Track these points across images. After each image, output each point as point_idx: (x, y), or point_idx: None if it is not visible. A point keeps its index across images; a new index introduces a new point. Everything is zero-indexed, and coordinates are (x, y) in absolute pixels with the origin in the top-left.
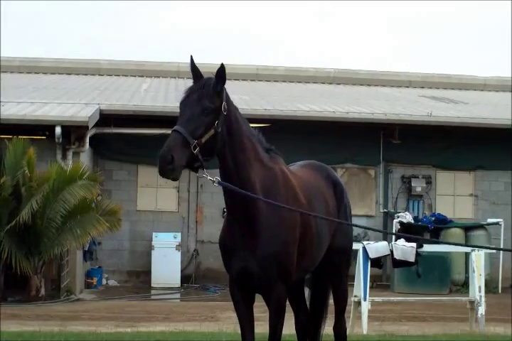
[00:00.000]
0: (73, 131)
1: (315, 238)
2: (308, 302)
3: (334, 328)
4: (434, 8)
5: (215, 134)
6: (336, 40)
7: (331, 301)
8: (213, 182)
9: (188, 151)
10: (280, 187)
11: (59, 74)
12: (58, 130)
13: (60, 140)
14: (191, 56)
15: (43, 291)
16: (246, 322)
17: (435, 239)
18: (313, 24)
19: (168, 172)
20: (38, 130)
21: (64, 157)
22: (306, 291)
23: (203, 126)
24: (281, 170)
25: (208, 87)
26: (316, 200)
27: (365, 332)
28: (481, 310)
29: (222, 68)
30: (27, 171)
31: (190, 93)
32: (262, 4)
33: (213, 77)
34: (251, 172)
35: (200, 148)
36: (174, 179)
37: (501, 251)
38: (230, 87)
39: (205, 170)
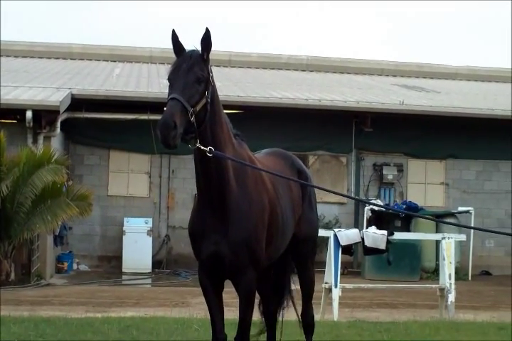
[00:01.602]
0: (44, 116)
1: (280, 225)
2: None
3: (302, 315)
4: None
5: (206, 104)
6: (310, 27)
7: (297, 287)
8: (208, 152)
9: (186, 119)
10: (249, 173)
11: (30, 57)
12: (29, 114)
13: (31, 124)
14: (173, 30)
15: (12, 276)
16: (215, 309)
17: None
18: (287, 11)
19: (172, 139)
20: (9, 114)
21: (35, 141)
22: None
23: (198, 94)
24: (248, 156)
25: (196, 57)
26: (282, 187)
27: (335, 319)
28: (451, 297)
29: (207, 34)
30: None
31: (179, 64)
32: None
33: (197, 48)
34: (226, 152)
35: (195, 117)
36: (175, 147)
37: (471, 239)
38: None
39: (198, 141)
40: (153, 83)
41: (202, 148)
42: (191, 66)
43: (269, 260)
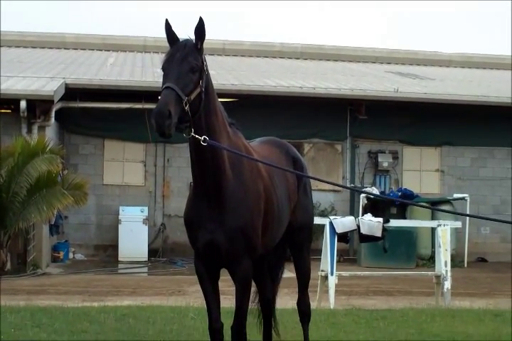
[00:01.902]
0: (38, 105)
1: (276, 214)
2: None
3: (298, 303)
4: None
5: (200, 93)
6: (304, 15)
7: (293, 275)
8: (202, 141)
9: (180, 107)
10: (244, 161)
11: (24, 47)
12: (23, 104)
13: (25, 114)
14: (166, 19)
15: (8, 265)
16: (212, 297)
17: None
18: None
19: (167, 127)
20: (3, 104)
21: (29, 131)
22: None
23: (192, 83)
24: (243, 145)
25: (189, 46)
26: (277, 176)
27: (332, 307)
28: (447, 284)
29: (201, 23)
30: None
31: (173, 53)
32: None
33: (191, 38)
34: (221, 141)
35: (189, 106)
36: (169, 135)
37: (467, 226)
38: None
39: (192, 130)
40: (147, 72)
41: (196, 137)
42: (185, 55)
43: (265, 248)
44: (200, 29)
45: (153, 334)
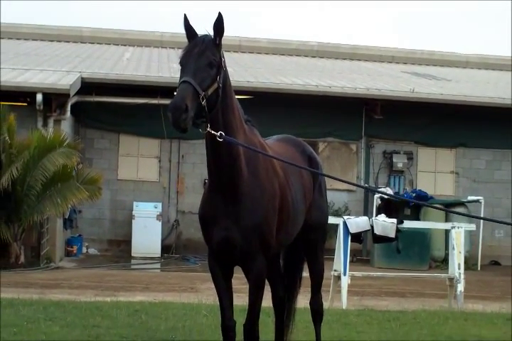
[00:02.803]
0: (54, 99)
1: (291, 212)
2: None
3: (311, 303)
4: None
5: (218, 89)
6: (321, 13)
7: (306, 275)
8: (218, 137)
9: (197, 102)
10: (260, 159)
11: (41, 40)
12: (39, 97)
13: (41, 107)
14: (185, 14)
15: (22, 258)
16: (225, 296)
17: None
18: None
19: (183, 121)
20: (19, 97)
21: (45, 124)
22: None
23: (209, 78)
24: (259, 142)
25: (208, 41)
26: (292, 174)
27: (344, 307)
28: (460, 287)
29: (220, 18)
30: (7, 138)
31: (191, 48)
32: None
33: (209, 33)
34: (238, 137)
35: (206, 101)
36: (186, 130)
37: (481, 228)
38: None
39: (208, 125)
40: (164, 67)
41: (212, 132)
42: (203, 50)
43: (280, 246)
44: (219, 24)
45: (165, 330)
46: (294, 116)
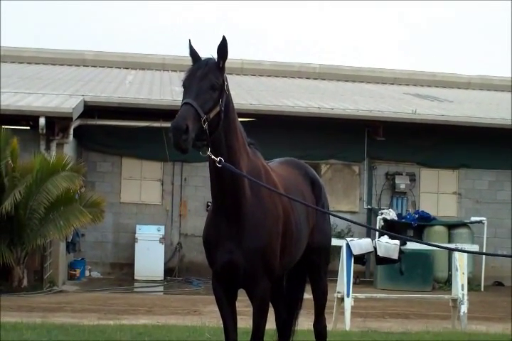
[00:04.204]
0: (57, 122)
1: (294, 235)
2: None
3: (314, 325)
4: (420, 8)
5: (220, 112)
6: (323, 35)
7: (309, 297)
8: (217, 162)
9: (199, 124)
10: (263, 180)
11: (43, 64)
12: (42, 121)
13: (44, 131)
14: (189, 40)
15: (25, 282)
16: (229, 319)
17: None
18: (300, 19)
19: (183, 142)
20: (22, 120)
21: (48, 148)
22: None
23: (212, 101)
24: (262, 165)
25: (211, 64)
26: (295, 196)
27: (347, 329)
28: (464, 308)
29: (224, 42)
30: (10, 161)
31: (194, 70)
32: None
33: (213, 57)
34: (241, 161)
35: (208, 124)
36: (186, 151)
37: (484, 249)
38: None
39: (209, 149)
40: (166, 90)
41: (212, 157)
42: (206, 73)
43: (284, 269)
44: (222, 48)
45: None
46: (297, 139)
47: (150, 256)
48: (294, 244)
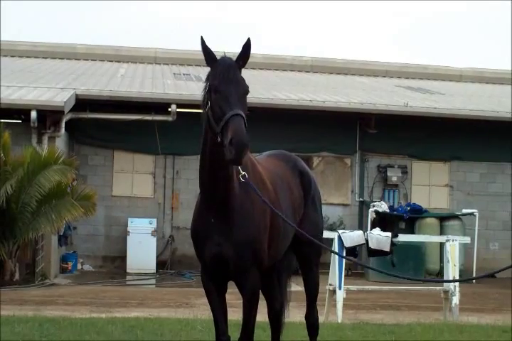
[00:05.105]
0: (49, 116)
1: (281, 227)
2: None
3: (306, 317)
4: (412, 1)
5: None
6: (315, 28)
7: (301, 289)
8: (242, 176)
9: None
10: (250, 174)
11: (35, 58)
12: (34, 114)
13: (36, 124)
14: (202, 37)
15: (17, 276)
16: (219, 310)
17: None
18: (291, 12)
19: (244, 156)
20: (14, 114)
21: (39, 141)
22: None
23: (246, 108)
24: (248, 158)
25: (237, 67)
26: (282, 190)
27: (339, 321)
28: (455, 299)
29: (248, 44)
30: (2, 155)
31: (225, 73)
32: None
33: (230, 57)
34: None
35: None
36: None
37: (475, 241)
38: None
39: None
40: (158, 84)
41: (241, 171)
42: (239, 78)
43: (271, 261)
44: (247, 51)
45: None
46: (288, 131)
47: (142, 249)
48: (281, 235)
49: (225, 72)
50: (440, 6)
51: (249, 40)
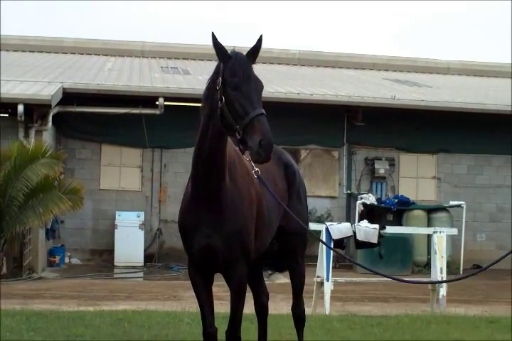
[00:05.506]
0: (36, 110)
1: (266, 219)
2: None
3: (292, 309)
4: None
5: None
6: (302, 21)
7: (288, 281)
8: (255, 172)
9: None
10: (237, 166)
11: (22, 51)
12: (21, 108)
13: (23, 118)
14: (212, 33)
15: (4, 269)
16: (206, 302)
17: None
18: (279, 5)
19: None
20: (0, 108)
21: (26, 135)
22: None
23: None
24: (234, 150)
25: (250, 63)
26: (266, 181)
27: (327, 312)
28: (443, 291)
29: (260, 41)
30: None
31: (241, 70)
32: None
33: (242, 53)
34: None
35: None
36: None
37: (463, 233)
38: (196, 68)
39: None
40: (145, 77)
41: (253, 165)
42: (255, 75)
43: (257, 253)
44: (258, 47)
45: (148, 338)
46: (276, 124)
47: (130, 242)
48: (266, 227)
49: (245, 70)
50: (440, 6)
51: (261, 37)
